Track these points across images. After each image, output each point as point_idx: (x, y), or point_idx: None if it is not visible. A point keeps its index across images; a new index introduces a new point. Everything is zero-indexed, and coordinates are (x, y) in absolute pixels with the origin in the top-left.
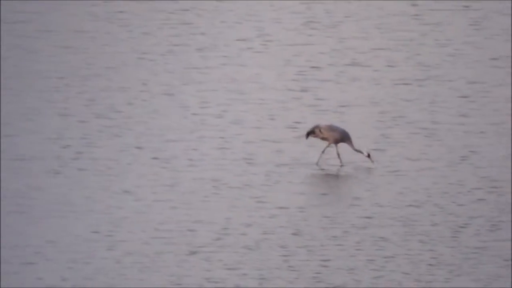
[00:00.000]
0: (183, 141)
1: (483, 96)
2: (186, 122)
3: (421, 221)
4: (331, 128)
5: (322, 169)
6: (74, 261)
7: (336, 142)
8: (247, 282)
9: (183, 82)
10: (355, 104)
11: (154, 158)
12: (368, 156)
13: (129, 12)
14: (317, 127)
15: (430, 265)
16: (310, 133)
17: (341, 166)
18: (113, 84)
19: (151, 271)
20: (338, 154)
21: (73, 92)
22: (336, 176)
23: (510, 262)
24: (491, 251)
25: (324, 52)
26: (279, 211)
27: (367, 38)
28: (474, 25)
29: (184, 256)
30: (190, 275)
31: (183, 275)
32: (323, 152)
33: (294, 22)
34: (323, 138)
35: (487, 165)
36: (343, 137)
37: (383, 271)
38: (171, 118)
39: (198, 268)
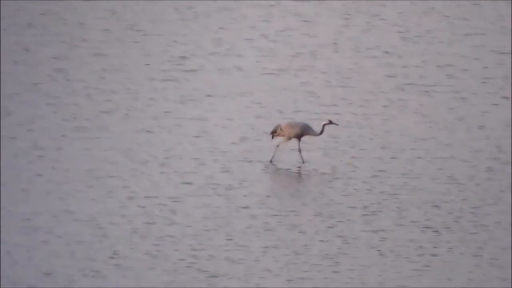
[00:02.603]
0: (55, 131)
1: (355, 85)
2: (56, 112)
3: (299, 211)
4: (291, 125)
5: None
6: None
7: (298, 137)
8: (123, 272)
9: (52, 73)
10: (227, 94)
11: (27, 148)
12: (331, 122)
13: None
14: (278, 126)
15: (310, 255)
16: (273, 132)
17: (303, 163)
18: None
19: (25, 262)
20: (300, 151)
21: None
22: (209, 167)
23: (384, 252)
24: (366, 241)
25: (198, 42)
26: (152, 200)
27: (240, 29)
28: (345, 18)
29: (60, 246)
30: (67, 265)
31: (59, 265)
32: (277, 146)
33: (168, 12)
34: (284, 136)
35: (361, 155)
36: (304, 131)
37: (260, 260)
38: (42, 109)
39: (74, 259)
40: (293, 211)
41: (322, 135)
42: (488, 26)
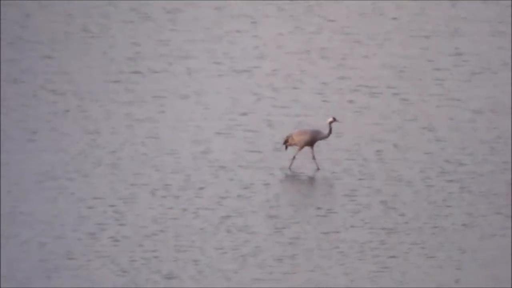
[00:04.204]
0: (5, 134)
1: (306, 87)
2: (6, 114)
3: (251, 213)
4: (301, 133)
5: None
6: None
7: (308, 144)
8: (76, 273)
9: (1, 75)
10: (176, 96)
11: None
12: (335, 120)
13: None
14: (289, 136)
15: (263, 256)
16: (285, 142)
17: (318, 169)
18: None
19: None
20: (314, 158)
21: None
22: (160, 168)
23: (338, 254)
24: (320, 242)
25: (147, 44)
26: (103, 201)
27: (189, 30)
28: (295, 19)
29: (13, 247)
30: (20, 267)
31: (12, 266)
32: (293, 157)
33: (118, 13)
34: (296, 144)
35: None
36: (314, 138)
37: (214, 261)
38: None
39: (27, 260)
40: (245, 212)
41: (331, 134)
42: (439, 28)
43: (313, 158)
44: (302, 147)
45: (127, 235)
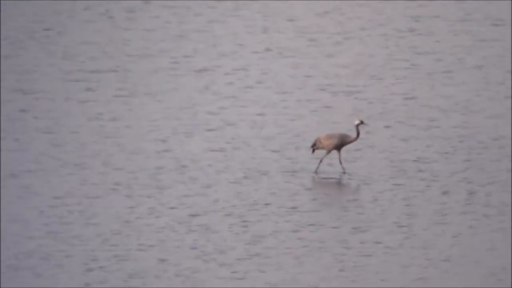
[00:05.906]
0: None
1: (275, 87)
2: None
3: (216, 212)
4: (329, 137)
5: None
6: None
7: (337, 148)
8: (39, 271)
9: None
10: (151, 94)
11: None
12: (362, 122)
13: None
14: (317, 139)
15: (232, 254)
16: (313, 146)
17: (344, 173)
18: None
19: None
20: (341, 161)
21: None
22: (129, 166)
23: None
24: (284, 239)
25: (126, 41)
26: (61, 201)
27: (137, 29)
28: (263, 19)
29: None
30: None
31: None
32: (320, 161)
33: (95, 12)
34: (324, 148)
35: (286, 156)
36: (342, 141)
37: (184, 259)
38: None
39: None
40: (208, 211)
41: (359, 137)
42: (399, 27)
43: (340, 161)
44: (330, 151)
45: (91, 234)
